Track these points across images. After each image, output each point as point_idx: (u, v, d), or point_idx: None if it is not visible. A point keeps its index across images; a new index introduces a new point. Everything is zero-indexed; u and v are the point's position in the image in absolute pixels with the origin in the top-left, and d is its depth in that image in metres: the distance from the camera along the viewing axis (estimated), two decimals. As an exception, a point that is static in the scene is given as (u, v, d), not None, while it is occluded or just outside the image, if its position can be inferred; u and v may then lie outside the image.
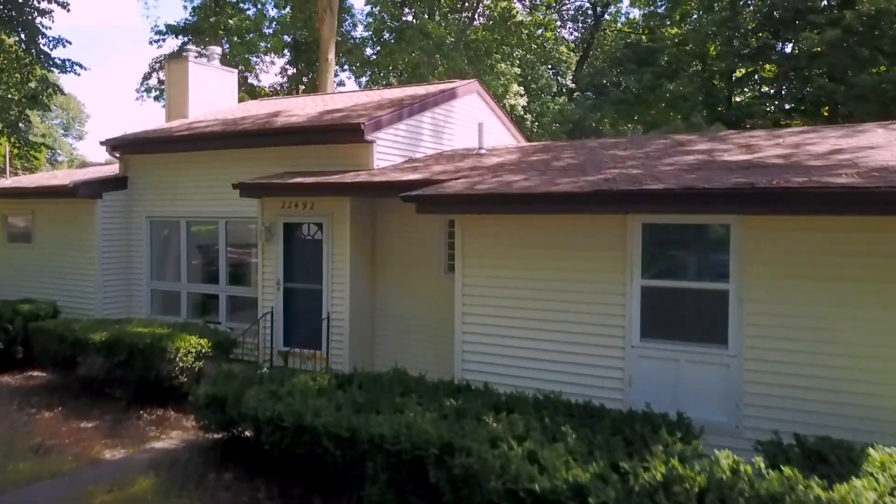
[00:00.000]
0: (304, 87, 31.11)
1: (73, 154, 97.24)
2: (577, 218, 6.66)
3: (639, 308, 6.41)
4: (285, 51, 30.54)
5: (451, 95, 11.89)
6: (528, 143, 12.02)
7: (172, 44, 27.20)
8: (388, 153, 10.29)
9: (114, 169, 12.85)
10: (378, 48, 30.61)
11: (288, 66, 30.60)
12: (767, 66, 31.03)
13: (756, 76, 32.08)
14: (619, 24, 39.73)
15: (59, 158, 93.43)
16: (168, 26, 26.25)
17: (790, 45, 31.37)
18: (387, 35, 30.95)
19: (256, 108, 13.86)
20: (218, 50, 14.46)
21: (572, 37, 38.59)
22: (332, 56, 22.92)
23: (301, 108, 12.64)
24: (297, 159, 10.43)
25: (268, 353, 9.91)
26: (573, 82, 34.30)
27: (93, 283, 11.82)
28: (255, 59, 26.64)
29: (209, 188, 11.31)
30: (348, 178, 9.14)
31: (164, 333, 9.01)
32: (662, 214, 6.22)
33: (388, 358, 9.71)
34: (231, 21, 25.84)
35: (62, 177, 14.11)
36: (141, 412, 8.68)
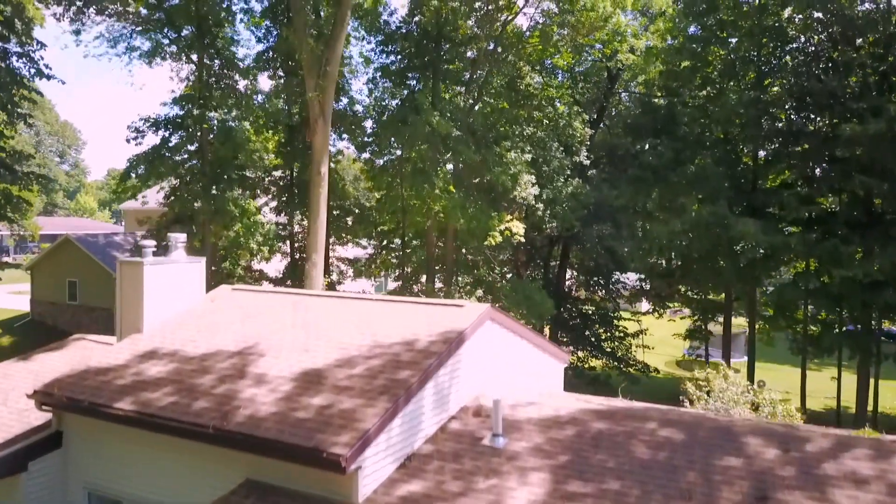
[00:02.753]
0: (296, 168, 28.87)
1: (68, 181, 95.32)
2: None
3: None
4: (279, 128, 28.39)
5: (458, 342, 9.62)
6: (555, 422, 9.57)
7: (152, 140, 24.85)
8: (377, 466, 8.03)
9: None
10: (378, 125, 28.38)
11: (282, 149, 28.36)
12: (799, 148, 28.65)
13: (785, 155, 29.63)
14: (635, 84, 37.31)
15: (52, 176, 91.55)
16: (146, 121, 24.04)
17: (820, 124, 29.08)
18: (388, 111, 28.82)
19: (227, 314, 11.61)
20: (182, 238, 12.21)
21: (586, 96, 36.22)
22: (325, 169, 20.71)
23: (278, 330, 10.44)
24: (264, 466, 8.21)
25: None
26: (588, 153, 31.89)
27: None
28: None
29: (158, 474, 9.08)
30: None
31: None
32: None
33: None
34: (215, 113, 23.64)
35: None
36: None
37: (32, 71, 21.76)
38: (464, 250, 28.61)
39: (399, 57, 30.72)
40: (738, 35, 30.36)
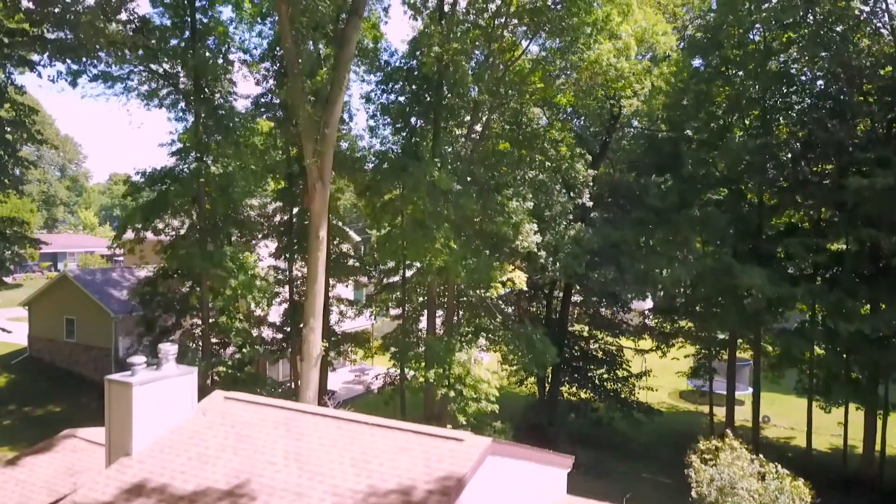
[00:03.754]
0: (295, 212, 28.52)
1: (69, 196, 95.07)
2: None
3: None
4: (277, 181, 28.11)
5: (458, 490, 9.24)
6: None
7: (148, 194, 24.41)
8: None
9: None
10: (378, 172, 27.97)
11: (282, 193, 28.01)
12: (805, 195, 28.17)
13: (791, 200, 29.15)
14: (638, 117, 36.77)
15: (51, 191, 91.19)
16: (143, 174, 23.68)
17: (828, 168, 28.61)
18: (389, 155, 28.45)
19: (218, 434, 11.24)
20: (173, 350, 11.85)
21: (589, 131, 35.71)
22: (323, 233, 20.30)
23: (270, 464, 10.08)
24: None
25: None
26: (591, 190, 31.34)
27: None
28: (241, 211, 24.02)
29: None
30: None
31: None
32: None
33: None
34: (214, 168, 23.29)
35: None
36: None
37: (25, 136, 21.54)
38: (464, 298, 28.22)
39: (400, 96, 30.31)
40: (742, 74, 29.91)
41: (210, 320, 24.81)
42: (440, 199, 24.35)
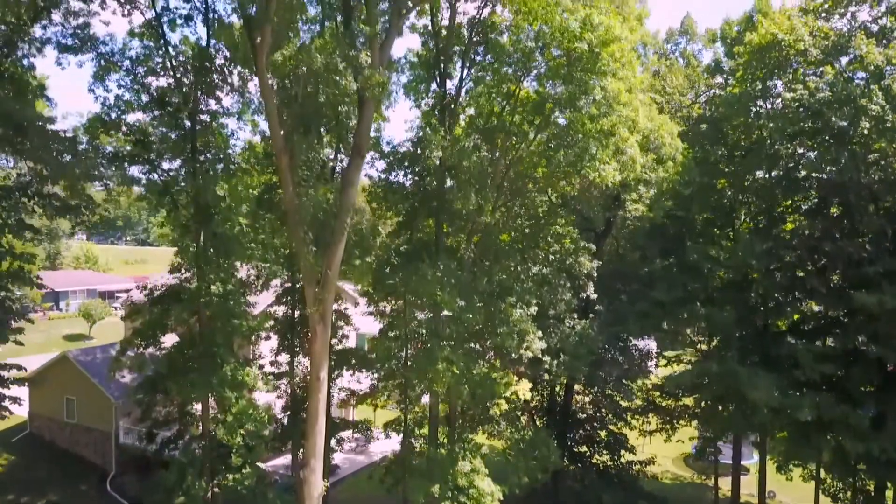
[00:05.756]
0: (297, 310, 28.34)
1: (72, 228, 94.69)
2: None
3: None
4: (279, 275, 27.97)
5: None
6: None
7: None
8: None
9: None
10: (381, 277, 27.70)
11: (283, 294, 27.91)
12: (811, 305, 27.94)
13: (800, 306, 28.82)
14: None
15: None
16: (143, 288, 23.61)
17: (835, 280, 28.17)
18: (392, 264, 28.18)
19: None
20: None
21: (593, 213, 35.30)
22: (324, 374, 20.10)
23: None
24: None
25: None
26: (594, 284, 31.00)
27: None
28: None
29: None
30: None
31: None
32: None
33: None
34: (214, 287, 23.12)
35: None
36: None
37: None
38: (469, 411, 27.89)
39: (405, 180, 29.94)
40: (748, 161, 29.52)
41: (211, 434, 24.64)
42: (442, 317, 24.07)
